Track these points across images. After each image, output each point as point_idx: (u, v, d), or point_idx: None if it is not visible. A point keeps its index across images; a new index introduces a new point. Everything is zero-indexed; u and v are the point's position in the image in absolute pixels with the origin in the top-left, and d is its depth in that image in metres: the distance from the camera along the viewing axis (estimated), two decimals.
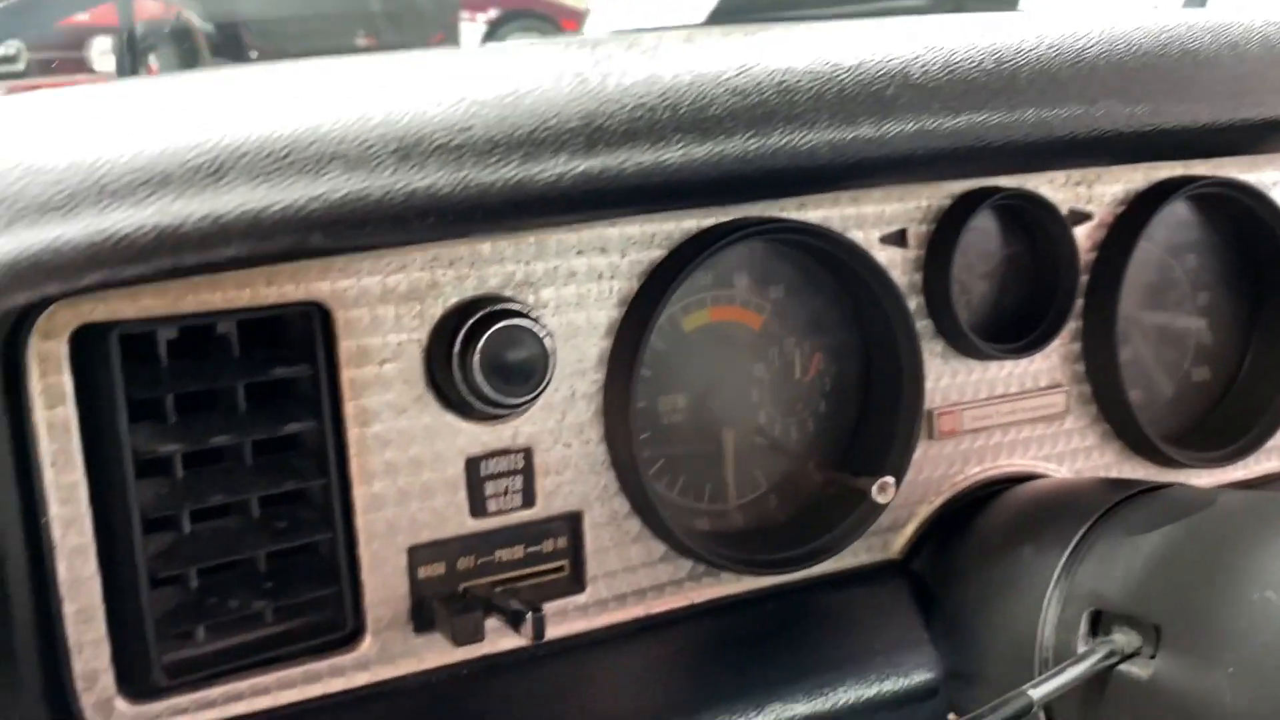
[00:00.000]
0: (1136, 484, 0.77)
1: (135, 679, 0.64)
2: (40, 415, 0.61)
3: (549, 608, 0.73)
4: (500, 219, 0.48)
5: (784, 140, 0.51)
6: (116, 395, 0.61)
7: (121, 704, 0.64)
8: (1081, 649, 0.69)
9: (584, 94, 0.48)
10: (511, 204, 0.47)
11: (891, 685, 0.72)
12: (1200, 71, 0.62)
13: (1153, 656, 0.66)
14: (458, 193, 0.46)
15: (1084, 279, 0.89)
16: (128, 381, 0.62)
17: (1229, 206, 0.96)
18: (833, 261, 0.81)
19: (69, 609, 0.62)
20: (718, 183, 0.51)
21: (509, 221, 0.50)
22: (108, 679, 0.63)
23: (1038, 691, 0.64)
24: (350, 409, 0.68)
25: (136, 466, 0.63)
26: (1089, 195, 0.89)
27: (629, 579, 0.77)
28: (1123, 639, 0.67)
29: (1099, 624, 0.70)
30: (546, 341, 0.68)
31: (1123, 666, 0.67)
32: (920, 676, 0.74)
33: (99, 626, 0.63)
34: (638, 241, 0.74)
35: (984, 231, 0.89)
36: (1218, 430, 0.99)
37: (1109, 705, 0.67)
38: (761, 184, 0.53)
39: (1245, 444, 0.96)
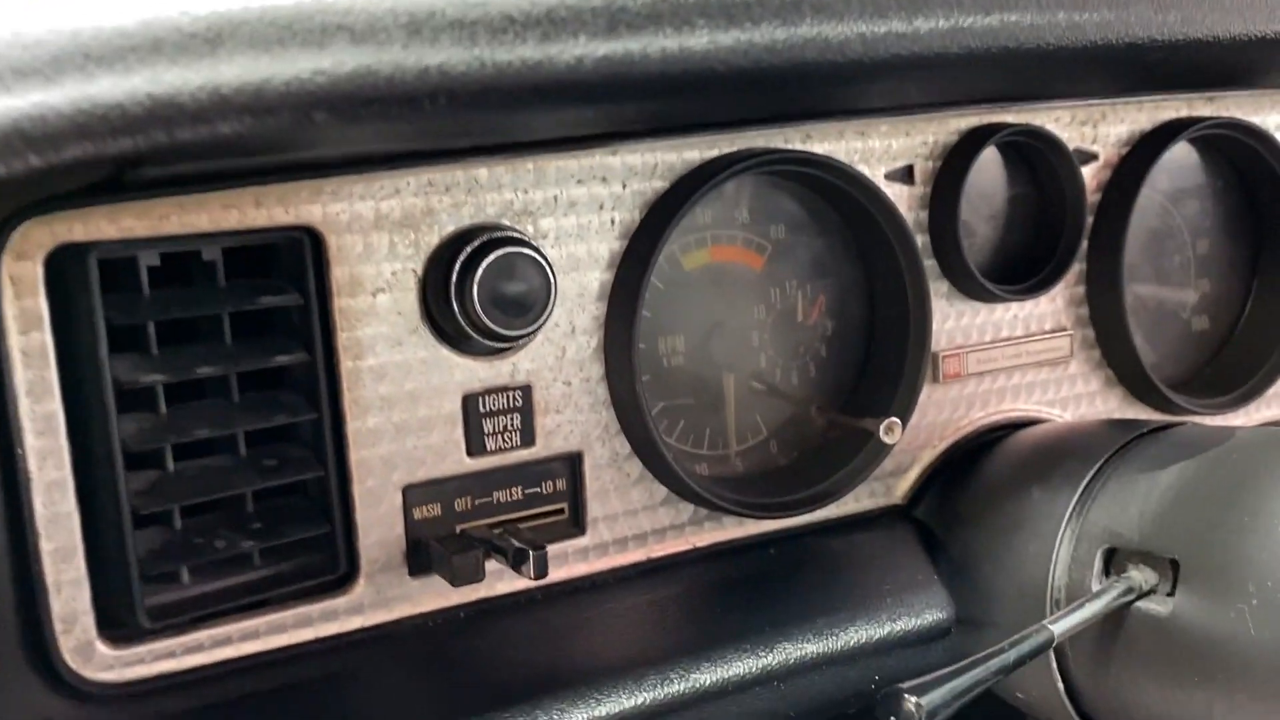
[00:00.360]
0: (1147, 423, 0.76)
1: (117, 621, 0.61)
2: (14, 341, 0.57)
3: (549, 551, 0.70)
4: (517, 104, 0.46)
5: (814, 31, 0.49)
6: (96, 321, 0.58)
7: (103, 647, 0.61)
8: (1096, 587, 0.68)
9: None
10: (529, 87, 0.45)
11: (903, 625, 0.70)
12: None
13: (1170, 593, 0.64)
14: (472, 72, 0.43)
15: (1088, 221, 0.88)
16: (108, 308, 0.59)
17: (1232, 149, 0.95)
18: (838, 197, 0.79)
19: (46, 546, 0.59)
20: (745, 76, 0.48)
21: (525, 108, 0.47)
22: (88, 621, 0.60)
23: (1058, 626, 0.62)
24: (342, 340, 0.65)
25: (118, 398, 0.60)
26: (1094, 135, 0.87)
27: (630, 522, 0.75)
28: (1139, 576, 0.66)
29: (1112, 563, 0.69)
30: (548, 270, 0.65)
31: (1140, 604, 0.65)
32: (932, 616, 0.72)
33: (78, 566, 0.60)
34: (639, 171, 0.72)
35: (989, 171, 0.87)
36: (1219, 377, 0.98)
37: (1126, 643, 0.66)
38: (790, 80, 0.50)
39: (1247, 391, 0.95)
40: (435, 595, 0.69)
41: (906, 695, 0.54)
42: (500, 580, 0.70)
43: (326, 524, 0.66)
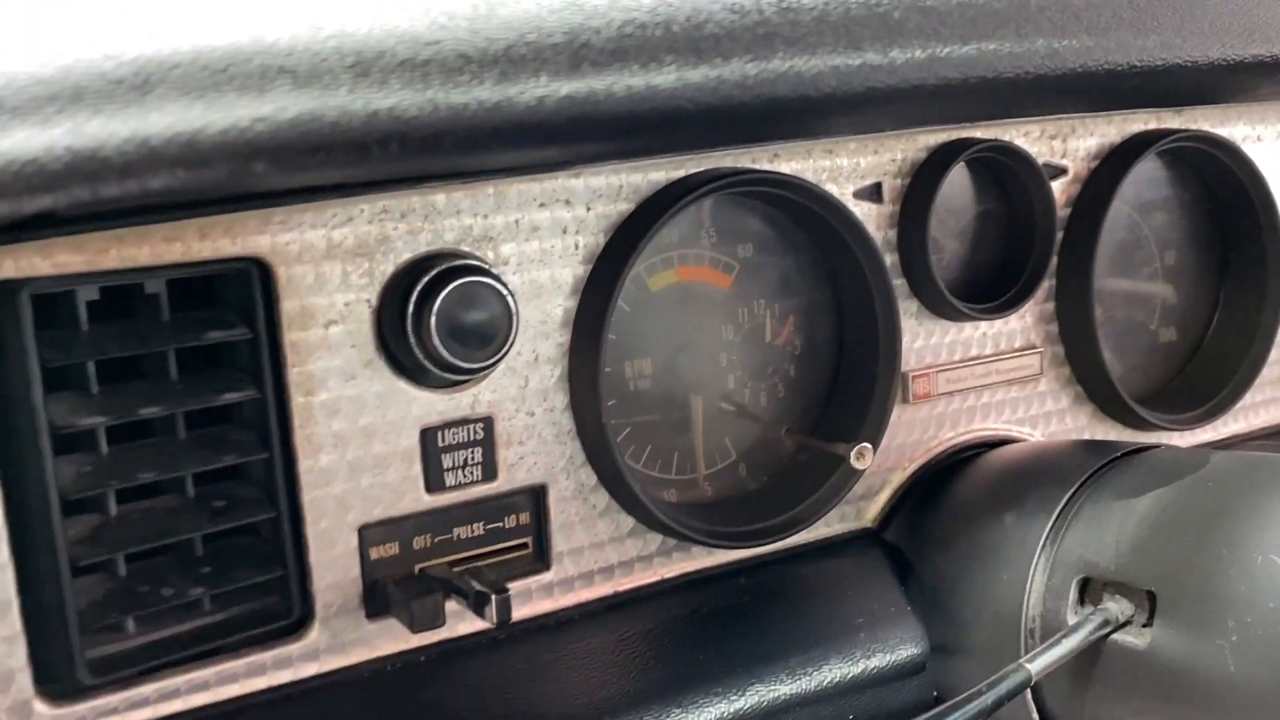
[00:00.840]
0: (1121, 445, 0.75)
1: (56, 677, 0.58)
2: None
3: (512, 588, 0.68)
4: (474, 148, 0.43)
5: (787, 65, 0.46)
6: (29, 362, 0.55)
7: (41, 706, 0.58)
8: (1071, 618, 0.66)
9: (567, 5, 0.43)
10: (486, 130, 0.42)
11: (878, 661, 0.69)
12: (1211, 4, 0.59)
13: (1147, 625, 0.63)
14: (425, 115, 0.41)
15: (1058, 236, 0.86)
16: (43, 346, 0.56)
17: (1199, 161, 0.94)
18: (806, 216, 0.77)
19: None
20: (715, 112, 0.46)
21: (483, 152, 0.44)
22: (24, 679, 0.57)
23: (1035, 664, 0.61)
24: (293, 375, 0.62)
25: (54, 442, 0.57)
26: (1064, 149, 0.86)
27: (596, 555, 0.72)
28: (1115, 607, 0.65)
29: (1087, 592, 0.67)
30: (509, 300, 0.63)
31: (1117, 636, 0.64)
32: (906, 651, 0.71)
33: (13, 621, 0.56)
34: (604, 194, 0.69)
35: (958, 188, 0.85)
36: (1187, 392, 0.97)
37: (1103, 675, 0.64)
38: (762, 116, 0.48)
39: (1216, 405, 0.95)
40: (394, 639, 0.66)
41: None
42: (462, 620, 0.68)
43: (279, 567, 0.63)
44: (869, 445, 0.75)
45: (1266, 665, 0.57)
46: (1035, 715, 0.69)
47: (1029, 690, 0.69)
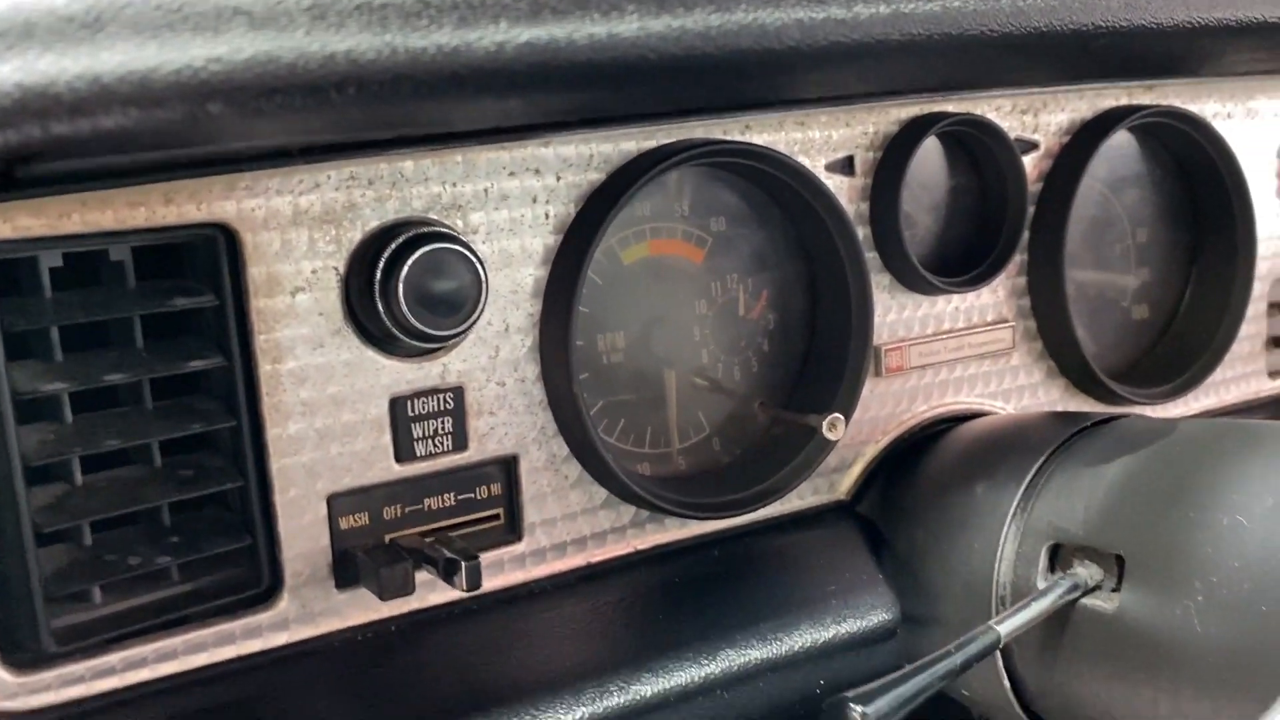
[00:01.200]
0: (1091, 416, 0.75)
1: (21, 646, 0.57)
2: None
3: (484, 559, 0.68)
4: (432, 94, 0.43)
5: (750, 17, 0.46)
6: None
7: (5, 674, 0.57)
8: (1042, 585, 0.67)
9: None
10: (445, 76, 0.42)
11: (849, 627, 0.69)
12: None
13: (1115, 589, 0.64)
14: (382, 60, 0.40)
15: (1029, 211, 0.87)
16: (5, 312, 0.55)
17: (1171, 137, 0.94)
18: (778, 189, 0.77)
19: None
20: (678, 64, 0.46)
21: (442, 99, 0.44)
22: None
23: (1004, 627, 0.61)
24: (261, 343, 0.61)
25: (18, 409, 0.56)
26: (1035, 124, 0.87)
27: (569, 526, 0.72)
28: (1085, 572, 0.65)
29: (1058, 559, 0.68)
30: (477, 267, 0.62)
31: (1086, 600, 0.65)
32: (878, 617, 0.71)
33: None
34: (574, 163, 0.69)
35: (931, 161, 0.85)
36: (1159, 366, 0.98)
37: (1072, 640, 0.65)
38: (725, 69, 0.48)
39: (1187, 379, 0.95)
40: (364, 608, 0.66)
41: (851, 704, 0.53)
42: (433, 591, 0.68)
43: (248, 536, 0.63)
44: (840, 416, 0.75)
45: (1232, 625, 0.58)
46: (1007, 681, 0.70)
47: (1001, 656, 0.69)
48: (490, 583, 0.69)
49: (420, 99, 0.43)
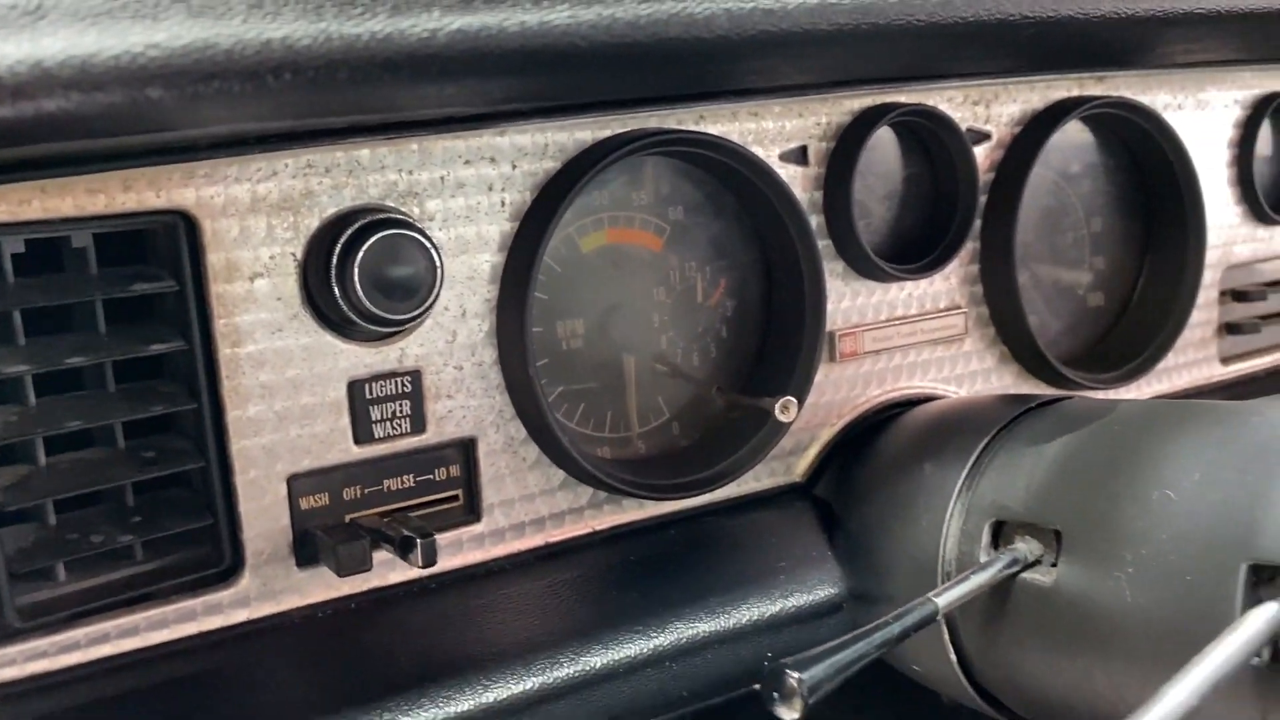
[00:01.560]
0: (1036, 398, 0.77)
1: None
2: None
3: (443, 539, 0.70)
4: (367, 80, 0.45)
5: (679, 6, 0.48)
6: None
7: None
8: (984, 560, 0.69)
9: None
10: (379, 62, 0.44)
11: (795, 601, 0.71)
12: None
13: (1054, 564, 0.66)
14: (318, 46, 0.42)
15: (982, 200, 0.89)
16: None
17: (1122, 129, 0.97)
18: (734, 179, 0.79)
19: None
20: (609, 52, 0.48)
21: (378, 85, 0.46)
22: None
23: (943, 598, 0.63)
24: (220, 327, 0.63)
25: None
26: (987, 115, 0.89)
27: (527, 507, 0.74)
28: (1025, 547, 0.67)
29: (1000, 535, 0.70)
30: (432, 253, 0.64)
31: (1025, 575, 0.66)
32: (824, 591, 0.73)
33: None
34: (530, 152, 0.71)
35: (883, 152, 0.87)
36: (1112, 353, 1.00)
37: (1013, 614, 0.67)
38: (656, 57, 0.50)
39: (1138, 365, 0.97)
40: (325, 586, 0.68)
41: (789, 670, 0.55)
42: (393, 570, 0.69)
43: (209, 516, 0.65)
44: (793, 399, 0.77)
45: (1160, 594, 0.60)
46: (953, 655, 0.72)
47: (948, 632, 0.71)
48: (449, 562, 0.71)
49: (356, 85, 0.45)
